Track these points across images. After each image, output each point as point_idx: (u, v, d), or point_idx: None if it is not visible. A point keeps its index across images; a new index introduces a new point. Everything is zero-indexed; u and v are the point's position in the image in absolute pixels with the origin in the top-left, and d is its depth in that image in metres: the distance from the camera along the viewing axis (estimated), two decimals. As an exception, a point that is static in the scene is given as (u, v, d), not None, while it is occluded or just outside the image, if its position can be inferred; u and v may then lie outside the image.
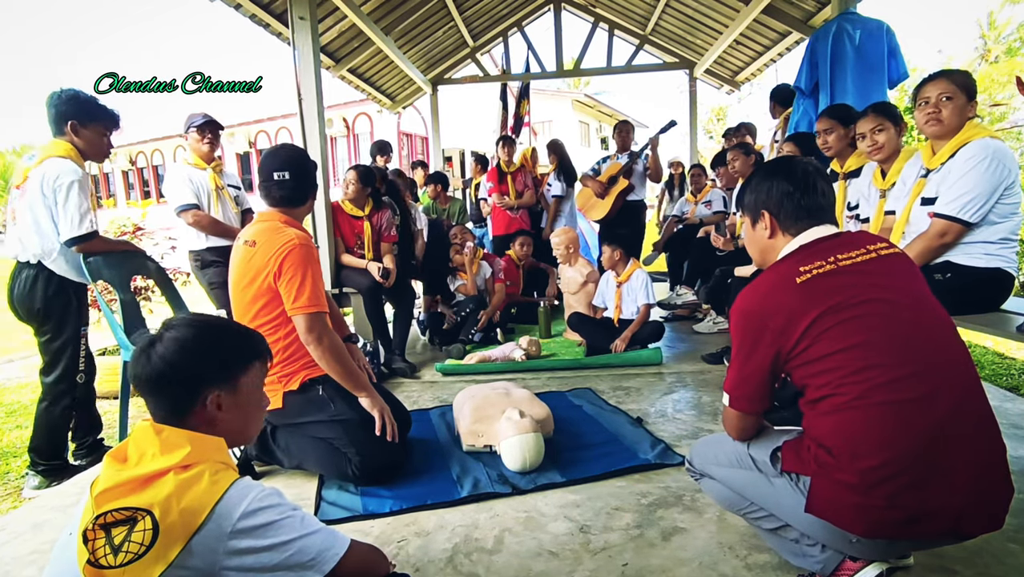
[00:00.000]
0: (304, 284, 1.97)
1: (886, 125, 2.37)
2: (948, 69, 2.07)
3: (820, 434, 1.21)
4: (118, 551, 0.93)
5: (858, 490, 1.14)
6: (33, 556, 1.74)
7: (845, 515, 1.17)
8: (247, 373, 1.16)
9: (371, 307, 3.62)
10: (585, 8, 7.13)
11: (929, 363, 1.15)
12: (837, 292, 1.19)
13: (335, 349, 2.01)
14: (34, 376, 4.68)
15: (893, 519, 1.13)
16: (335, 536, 1.11)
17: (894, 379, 1.13)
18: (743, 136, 4.97)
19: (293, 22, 3.69)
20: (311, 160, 2.28)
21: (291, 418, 2.08)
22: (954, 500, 1.11)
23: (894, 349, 1.15)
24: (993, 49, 17.79)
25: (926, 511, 1.11)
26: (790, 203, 1.32)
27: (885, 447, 1.11)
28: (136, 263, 2.92)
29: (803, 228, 1.31)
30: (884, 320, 1.17)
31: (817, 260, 1.23)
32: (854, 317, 1.17)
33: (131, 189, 19.87)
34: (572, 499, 1.91)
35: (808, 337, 1.18)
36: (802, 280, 1.21)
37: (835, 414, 1.18)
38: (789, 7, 5.14)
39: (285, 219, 2.12)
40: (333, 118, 14.96)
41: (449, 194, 5.86)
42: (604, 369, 3.45)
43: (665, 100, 51.14)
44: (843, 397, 1.16)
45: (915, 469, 1.11)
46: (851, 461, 1.14)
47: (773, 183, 1.35)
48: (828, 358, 1.17)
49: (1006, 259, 1.99)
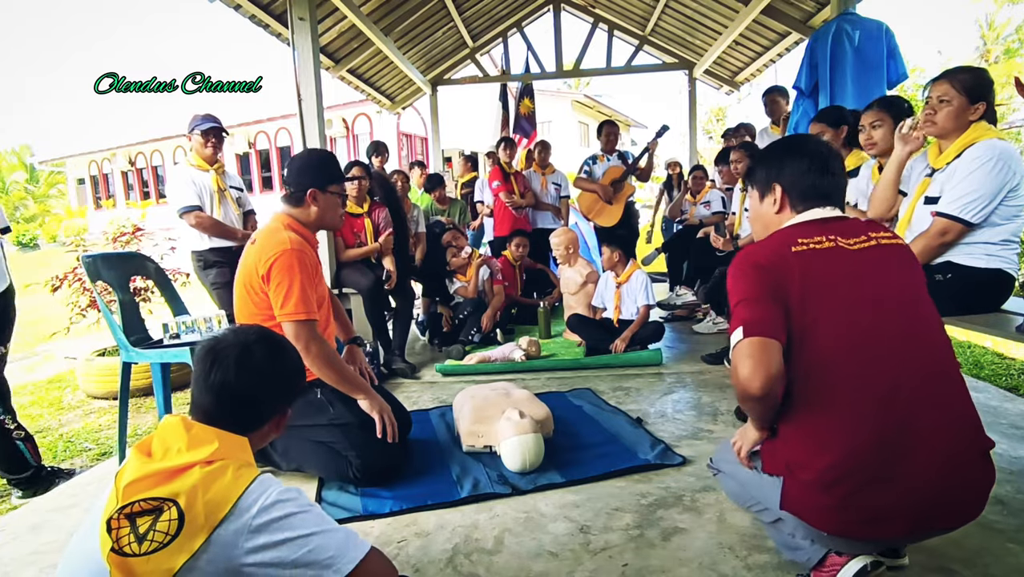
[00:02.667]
0: (291, 291, 1.94)
1: (885, 120, 2.37)
2: (956, 68, 2.03)
3: (786, 434, 1.22)
4: (143, 540, 0.94)
5: (818, 490, 1.14)
6: (33, 557, 1.74)
7: (813, 514, 1.18)
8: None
9: (371, 307, 3.61)
10: (584, 9, 7.13)
11: (895, 360, 1.15)
12: (828, 271, 1.19)
13: (325, 356, 1.99)
14: (32, 377, 4.68)
15: (855, 518, 1.13)
16: (355, 539, 1.10)
17: (854, 375, 1.14)
18: (743, 136, 4.97)
19: (293, 22, 3.69)
20: (317, 157, 2.22)
21: (290, 421, 2.07)
22: (918, 496, 1.10)
23: (860, 344, 1.15)
24: (993, 50, 17.81)
25: (887, 508, 1.11)
26: (803, 180, 1.32)
27: (839, 445, 1.12)
28: (135, 263, 2.92)
29: (810, 207, 1.32)
30: (856, 311, 1.17)
31: (817, 235, 1.24)
32: (831, 301, 1.17)
33: (130, 190, 19.84)
34: (572, 499, 1.90)
35: (797, 306, 1.18)
36: (797, 250, 1.22)
37: (796, 413, 1.19)
38: (788, 8, 5.14)
39: (289, 221, 2.09)
40: (332, 119, 14.94)
41: (449, 195, 5.85)
42: (604, 369, 3.45)
43: (665, 101, 51.17)
44: (802, 394, 1.17)
45: (872, 467, 1.11)
46: (810, 460, 1.15)
47: (789, 158, 1.34)
48: (804, 340, 1.17)
49: (1007, 260, 1.98)
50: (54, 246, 20.37)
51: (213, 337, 1.19)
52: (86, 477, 2.43)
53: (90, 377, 3.78)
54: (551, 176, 5.36)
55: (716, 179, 5.08)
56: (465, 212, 5.70)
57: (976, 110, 1.95)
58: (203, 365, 1.13)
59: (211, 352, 1.14)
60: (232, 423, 1.12)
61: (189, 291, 3.66)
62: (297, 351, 1.28)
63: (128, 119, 25.59)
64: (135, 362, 2.58)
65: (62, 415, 3.60)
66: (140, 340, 2.63)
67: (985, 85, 1.97)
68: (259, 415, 1.18)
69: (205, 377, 1.12)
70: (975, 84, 1.96)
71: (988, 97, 1.97)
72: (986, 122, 1.97)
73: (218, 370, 1.11)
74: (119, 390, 2.60)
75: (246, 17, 4.35)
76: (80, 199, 22.13)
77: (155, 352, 2.51)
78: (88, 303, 4.05)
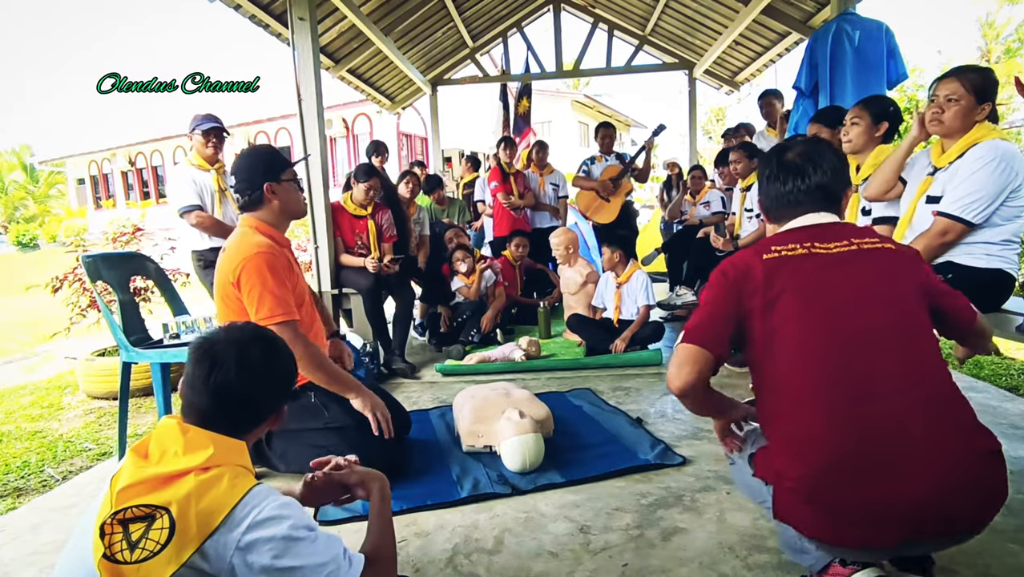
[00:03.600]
0: (264, 295, 1.90)
1: (862, 118, 2.40)
2: (965, 67, 2.01)
3: (771, 441, 1.22)
4: (135, 547, 0.93)
5: (802, 497, 1.12)
6: (33, 557, 1.74)
7: (802, 523, 1.16)
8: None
9: (371, 307, 3.61)
10: (584, 9, 7.13)
11: (866, 362, 1.13)
12: (797, 276, 1.20)
13: (311, 357, 1.96)
14: (32, 377, 4.68)
15: (844, 524, 1.10)
16: (345, 566, 1.06)
17: (825, 377, 1.13)
18: (742, 136, 4.97)
19: (293, 23, 3.69)
20: (261, 153, 2.13)
21: (286, 425, 2.06)
22: (908, 501, 1.06)
23: (829, 347, 1.15)
24: (993, 50, 17.79)
25: (875, 515, 1.08)
26: (771, 194, 1.35)
27: (816, 452, 1.10)
28: (135, 264, 2.92)
29: (789, 217, 1.32)
30: (833, 316, 1.16)
31: (791, 243, 1.24)
32: (799, 305, 1.17)
33: (130, 190, 19.84)
34: (572, 499, 1.90)
35: (761, 313, 1.19)
36: (768, 257, 1.23)
37: (775, 419, 1.19)
38: (788, 8, 5.14)
39: (256, 223, 2.04)
40: (332, 119, 14.93)
41: (448, 195, 5.85)
42: (604, 369, 3.45)
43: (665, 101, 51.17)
44: (777, 399, 1.18)
45: (851, 472, 1.08)
46: (790, 468, 1.14)
47: (761, 174, 1.39)
48: (760, 349, 1.19)
49: (1007, 260, 1.98)
50: (54, 246, 20.38)
51: (204, 337, 1.15)
52: (86, 477, 2.43)
53: (90, 377, 3.78)
54: (549, 176, 5.36)
55: (716, 179, 5.08)
56: (465, 212, 5.70)
57: (983, 110, 1.94)
58: (201, 367, 1.09)
59: (208, 353, 1.10)
60: (228, 425, 1.09)
61: (189, 291, 3.67)
62: (288, 347, 1.24)
63: (128, 119, 25.61)
64: (135, 362, 2.58)
65: (62, 415, 3.60)
66: (140, 340, 2.64)
67: (992, 86, 1.96)
68: (257, 415, 1.16)
69: (204, 379, 1.09)
70: (984, 85, 1.94)
71: (994, 98, 1.96)
72: (989, 122, 1.97)
73: (219, 371, 1.08)
74: (119, 390, 2.60)
75: (246, 17, 4.35)
76: (80, 199, 22.13)
77: (155, 352, 2.51)
78: (88, 303, 4.05)
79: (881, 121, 2.40)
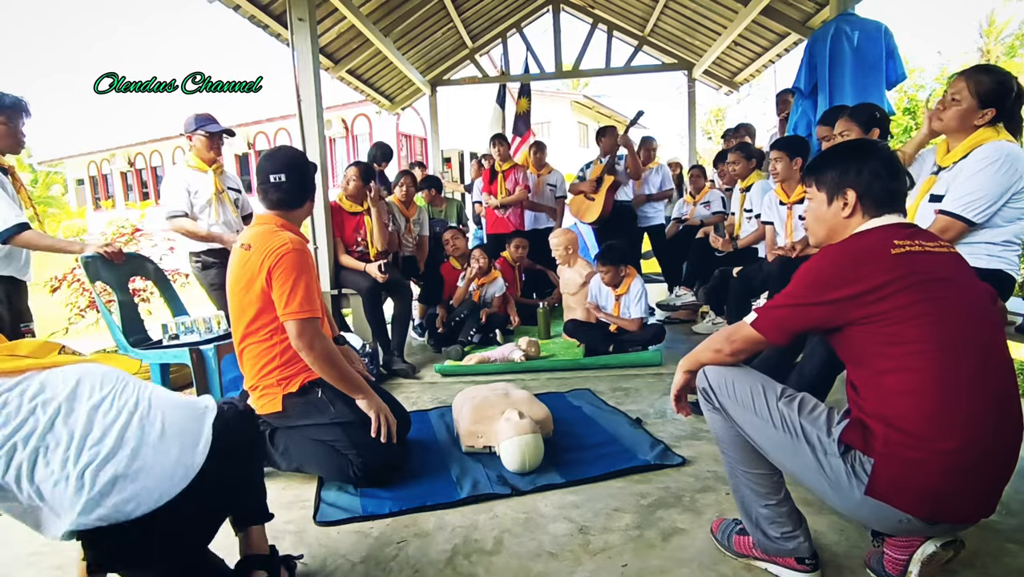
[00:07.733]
0: (296, 289, 1.93)
1: (851, 129, 2.49)
2: (980, 67, 1.97)
3: (893, 413, 1.20)
4: None
5: (932, 472, 1.16)
6: (33, 557, 1.73)
7: (907, 498, 1.18)
8: None
9: (370, 308, 3.61)
10: (584, 9, 7.13)
11: (985, 351, 1.21)
12: (928, 271, 1.22)
13: (327, 355, 1.99)
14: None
15: (958, 501, 1.18)
16: None
17: (966, 364, 1.18)
18: (742, 137, 4.98)
19: (292, 23, 3.69)
20: (310, 162, 2.26)
21: (291, 421, 2.08)
22: (994, 484, 1.19)
23: (963, 336, 1.19)
24: (993, 50, 17.80)
25: (976, 493, 1.18)
26: (878, 186, 1.32)
27: (961, 433, 1.15)
28: (135, 264, 2.91)
29: (883, 212, 1.33)
30: (958, 307, 1.21)
31: (907, 239, 1.26)
32: (937, 297, 1.20)
33: (130, 190, 19.84)
34: (571, 500, 1.90)
35: (890, 301, 1.19)
36: (897, 252, 1.23)
37: (912, 394, 1.18)
38: (787, 8, 5.15)
39: (282, 222, 2.09)
40: (332, 119, 14.95)
41: (446, 195, 5.84)
42: (603, 370, 3.45)
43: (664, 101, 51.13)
44: (919, 373, 1.18)
45: (983, 453, 1.16)
46: (927, 442, 1.15)
47: (864, 163, 1.34)
48: (908, 329, 1.19)
49: (1008, 261, 1.99)
50: (53, 247, 20.30)
51: None
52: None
53: (89, 378, 3.77)
54: (547, 176, 5.35)
55: (716, 180, 5.08)
56: (462, 212, 5.69)
57: (984, 115, 1.92)
58: None
59: None
60: None
61: (188, 291, 3.66)
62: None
63: (128, 119, 25.59)
64: (134, 363, 2.58)
65: (61, 416, 3.59)
66: (139, 341, 2.64)
67: (1004, 92, 1.91)
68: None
69: None
70: (991, 90, 1.91)
71: (1004, 104, 1.91)
72: (1000, 125, 1.93)
73: None
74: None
75: (245, 18, 4.35)
76: (79, 200, 22.12)
77: (154, 352, 2.51)
78: (87, 304, 4.06)
79: (871, 128, 2.44)
